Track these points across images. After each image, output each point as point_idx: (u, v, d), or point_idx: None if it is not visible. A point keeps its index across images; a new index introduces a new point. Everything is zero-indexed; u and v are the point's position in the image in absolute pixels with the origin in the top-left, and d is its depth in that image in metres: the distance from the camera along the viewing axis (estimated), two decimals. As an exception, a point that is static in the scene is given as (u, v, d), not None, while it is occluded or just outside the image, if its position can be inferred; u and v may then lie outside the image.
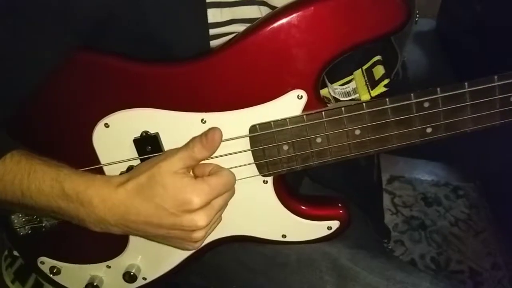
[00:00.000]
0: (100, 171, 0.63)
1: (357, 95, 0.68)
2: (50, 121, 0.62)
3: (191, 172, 0.58)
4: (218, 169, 0.58)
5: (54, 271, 0.69)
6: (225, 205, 0.59)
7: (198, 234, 0.55)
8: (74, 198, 0.54)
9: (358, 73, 0.68)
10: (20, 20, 0.53)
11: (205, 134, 0.56)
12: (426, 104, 0.59)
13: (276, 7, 0.61)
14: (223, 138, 0.60)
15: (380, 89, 0.65)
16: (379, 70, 0.66)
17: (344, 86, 0.69)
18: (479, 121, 0.60)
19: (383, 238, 0.95)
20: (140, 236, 0.60)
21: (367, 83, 0.67)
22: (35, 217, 0.65)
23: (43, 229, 0.65)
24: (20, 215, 0.65)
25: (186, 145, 0.56)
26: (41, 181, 0.54)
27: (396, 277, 0.61)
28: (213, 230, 0.59)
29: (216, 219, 0.58)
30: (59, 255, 0.69)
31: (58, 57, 0.56)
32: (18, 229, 0.65)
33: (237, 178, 0.62)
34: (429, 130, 0.60)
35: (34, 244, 0.69)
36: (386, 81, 0.64)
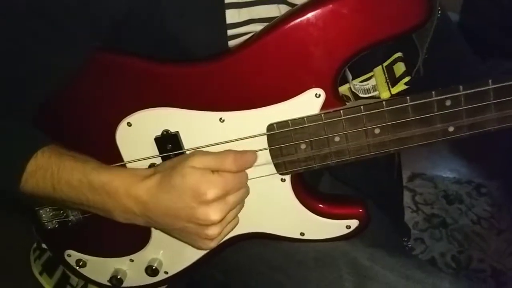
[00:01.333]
0: (123, 167, 0.64)
1: (376, 93, 0.67)
2: (76, 121, 0.64)
3: None
4: None
5: (80, 263, 0.72)
6: (239, 203, 0.60)
7: (212, 231, 0.56)
8: (100, 190, 0.56)
9: (378, 70, 0.68)
10: (40, 21, 0.55)
11: (243, 153, 0.58)
12: (448, 102, 0.58)
13: (296, 5, 0.61)
14: (241, 136, 0.61)
15: (400, 86, 0.64)
16: (400, 67, 0.66)
17: (363, 83, 0.69)
18: (504, 120, 0.58)
19: (402, 237, 0.94)
20: (162, 228, 0.62)
21: (388, 80, 0.66)
22: (61, 211, 0.67)
23: (70, 224, 0.68)
24: (48, 209, 0.67)
25: (221, 153, 0.58)
26: (70, 175, 0.57)
27: (416, 276, 0.60)
28: (229, 231, 0.61)
29: (231, 218, 0.59)
30: (85, 249, 0.72)
31: (78, 58, 0.57)
32: (45, 223, 0.68)
33: (254, 176, 0.63)
34: (451, 129, 0.60)
35: (61, 238, 0.71)
36: (406, 79, 0.64)
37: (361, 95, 0.67)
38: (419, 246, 1.44)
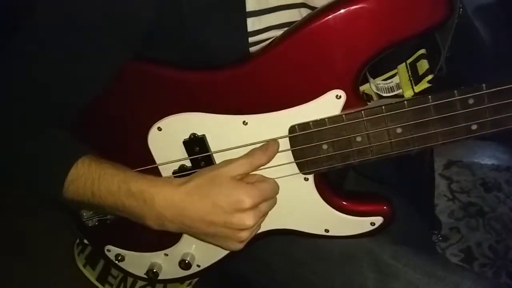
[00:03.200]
0: (155, 169, 0.68)
1: (400, 91, 0.67)
2: (111, 127, 0.68)
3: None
4: (264, 178, 0.63)
5: (119, 258, 0.77)
6: (269, 210, 0.64)
7: (244, 234, 0.60)
8: (138, 196, 0.60)
9: (402, 67, 0.67)
10: (76, 38, 0.58)
11: (266, 144, 0.62)
12: (471, 101, 0.58)
13: (316, 7, 0.62)
14: (264, 138, 0.63)
15: (423, 85, 0.64)
16: (424, 65, 0.65)
17: (387, 81, 0.68)
18: (531, 116, 0.57)
19: (433, 229, 0.94)
20: (191, 233, 0.65)
21: (411, 78, 0.66)
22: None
23: (108, 221, 0.73)
24: (88, 209, 0.73)
25: (247, 154, 0.63)
26: (110, 182, 0.61)
27: (438, 274, 0.61)
28: (255, 233, 0.64)
29: (260, 223, 0.63)
30: (123, 244, 0.77)
31: (111, 69, 0.61)
32: (86, 221, 0.73)
33: (278, 176, 0.65)
34: (474, 127, 0.59)
35: (101, 234, 0.77)
36: (429, 77, 0.63)
37: (384, 95, 0.67)
38: (454, 236, 1.41)
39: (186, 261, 0.74)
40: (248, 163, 0.61)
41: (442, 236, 1.40)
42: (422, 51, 0.65)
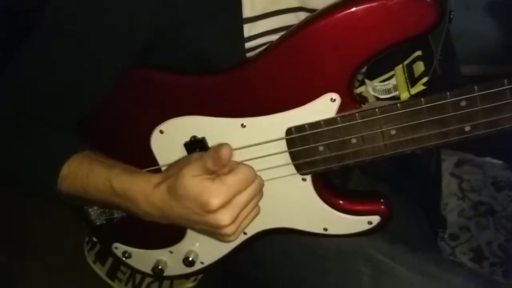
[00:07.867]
0: (159, 170, 0.71)
1: (397, 93, 0.68)
2: (116, 130, 0.71)
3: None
4: (235, 167, 0.58)
5: (126, 255, 0.80)
6: (252, 198, 0.59)
7: (226, 231, 0.57)
8: (122, 194, 0.61)
9: (399, 69, 0.68)
10: (83, 47, 0.62)
11: (215, 151, 0.56)
12: (463, 103, 0.58)
13: (315, 10, 0.63)
14: (261, 140, 0.65)
15: (419, 87, 0.65)
16: (419, 67, 0.66)
17: (385, 83, 0.69)
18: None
19: (438, 228, 0.94)
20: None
21: (407, 80, 0.67)
22: (107, 210, 0.76)
23: (115, 220, 0.76)
24: (96, 207, 0.76)
25: (204, 155, 0.58)
26: (97, 180, 0.63)
27: (431, 272, 0.62)
28: (249, 222, 0.61)
29: (245, 214, 0.59)
30: (130, 242, 0.80)
31: (116, 76, 0.64)
32: (94, 220, 0.77)
33: (277, 176, 0.67)
34: (467, 128, 0.60)
35: (109, 232, 0.80)
36: (425, 79, 0.64)
37: (382, 97, 0.68)
38: (464, 235, 1.40)
39: (190, 259, 0.77)
40: (204, 168, 0.57)
41: (451, 235, 1.40)
42: (418, 52, 0.66)
